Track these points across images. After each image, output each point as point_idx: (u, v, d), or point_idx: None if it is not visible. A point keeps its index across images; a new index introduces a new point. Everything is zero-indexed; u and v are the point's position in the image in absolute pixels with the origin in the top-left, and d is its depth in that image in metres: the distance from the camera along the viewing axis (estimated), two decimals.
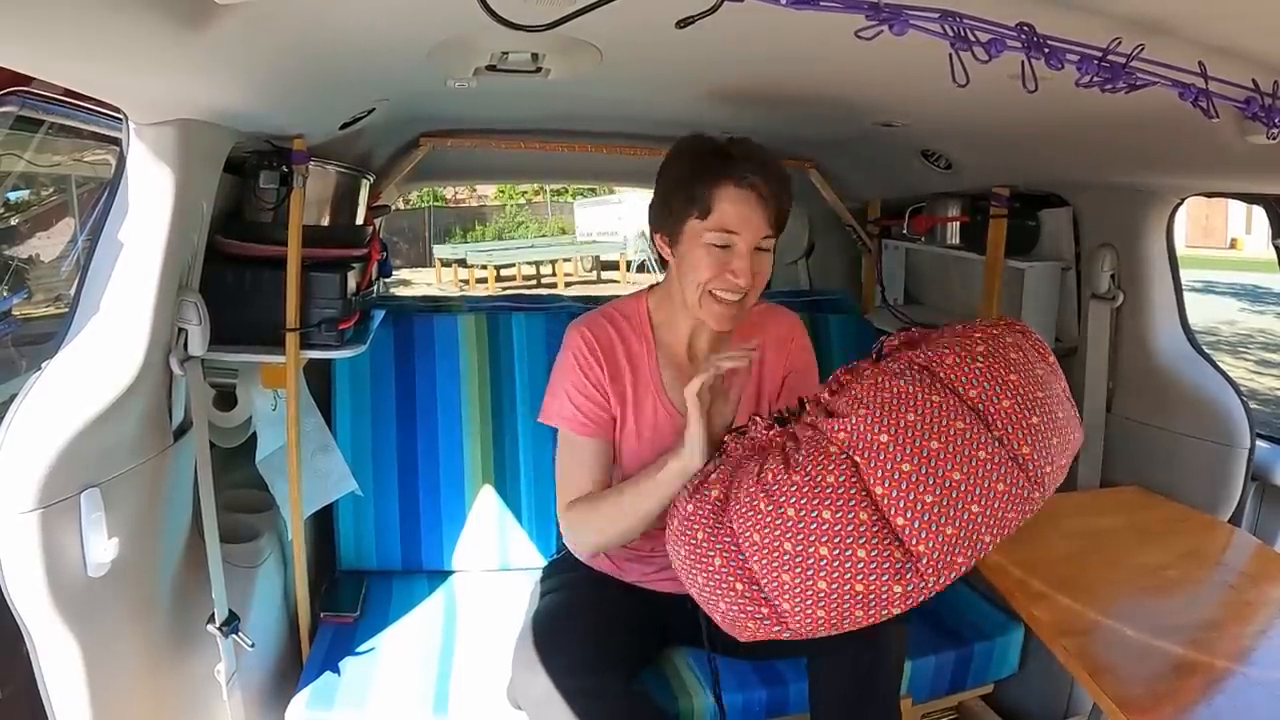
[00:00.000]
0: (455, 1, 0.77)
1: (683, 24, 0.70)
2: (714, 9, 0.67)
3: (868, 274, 2.28)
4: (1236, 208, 14.25)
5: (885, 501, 0.84)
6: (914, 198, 2.06)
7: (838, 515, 0.84)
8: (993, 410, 0.87)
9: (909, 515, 0.84)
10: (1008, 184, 1.76)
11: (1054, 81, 0.79)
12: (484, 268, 12.08)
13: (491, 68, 1.14)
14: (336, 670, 1.44)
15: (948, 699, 1.64)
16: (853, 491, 0.85)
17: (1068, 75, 0.78)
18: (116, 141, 1.11)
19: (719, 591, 0.93)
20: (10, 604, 0.98)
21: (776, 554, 0.87)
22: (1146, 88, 0.81)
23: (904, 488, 0.84)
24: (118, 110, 1.03)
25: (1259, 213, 1.57)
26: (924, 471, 0.84)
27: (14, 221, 2.77)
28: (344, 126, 1.41)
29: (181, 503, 1.26)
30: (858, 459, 0.85)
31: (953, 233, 1.98)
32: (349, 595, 1.65)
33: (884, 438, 0.85)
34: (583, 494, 1.23)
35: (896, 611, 0.88)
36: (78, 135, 1.68)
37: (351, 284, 1.51)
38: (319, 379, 1.73)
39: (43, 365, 1.06)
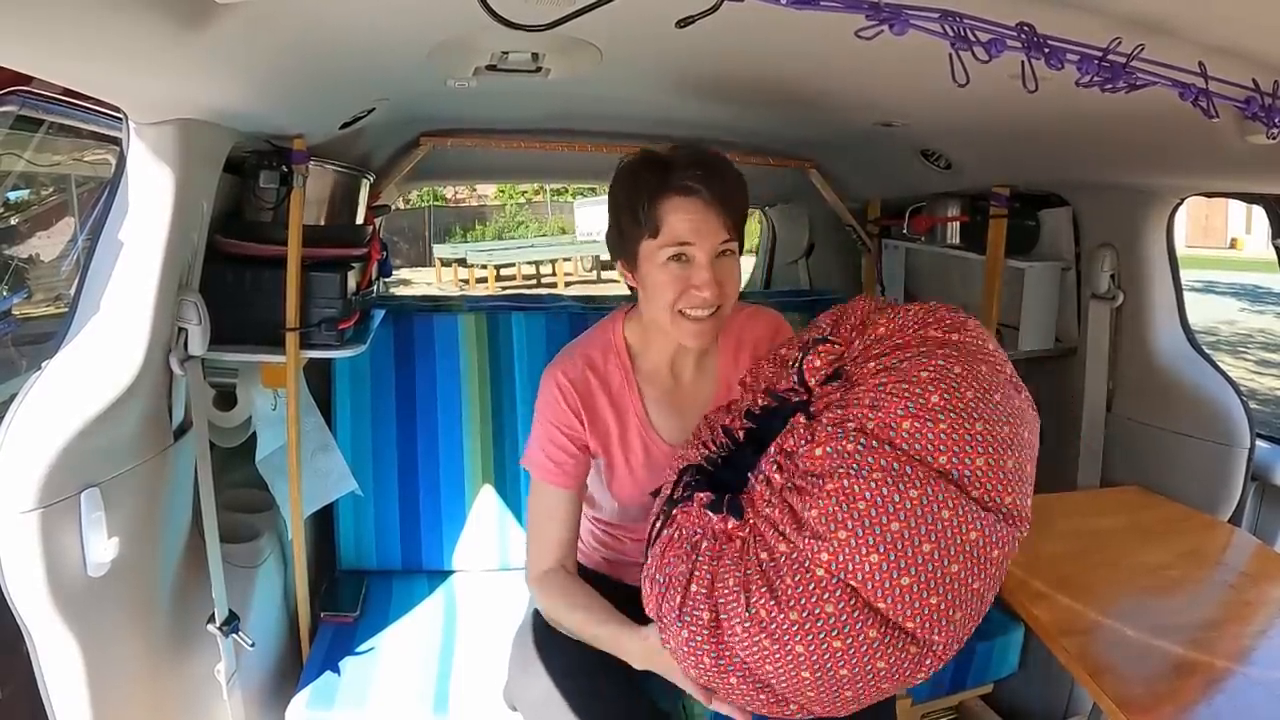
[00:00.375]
0: (455, 1, 0.77)
1: (683, 24, 0.70)
2: (714, 9, 0.67)
3: (868, 274, 2.28)
4: (1236, 208, 14.25)
5: (893, 615, 0.82)
6: (914, 198, 2.07)
7: (848, 642, 0.82)
8: (967, 472, 0.83)
9: (919, 619, 0.81)
10: (1008, 184, 1.76)
11: (1054, 81, 0.79)
12: (484, 267, 12.07)
13: (492, 67, 1.14)
14: (336, 670, 1.44)
15: (947, 699, 1.64)
16: (856, 615, 0.82)
17: (1068, 75, 0.78)
18: (116, 141, 1.11)
19: (744, 704, 0.92)
20: (10, 604, 0.98)
21: (795, 680, 0.85)
22: (1146, 87, 0.81)
23: (909, 599, 0.81)
24: (118, 110, 1.03)
25: (1259, 213, 1.57)
26: (924, 578, 0.81)
27: (14, 221, 2.77)
28: (344, 126, 1.41)
29: (181, 502, 1.26)
30: (852, 583, 0.82)
31: (953, 232, 1.99)
32: (349, 595, 1.65)
33: (874, 558, 0.80)
34: (553, 562, 1.20)
35: (921, 679, 0.87)
36: (78, 135, 1.68)
37: (351, 284, 1.51)
38: (319, 379, 1.73)
39: (43, 365, 1.06)
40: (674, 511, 1.01)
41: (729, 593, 0.87)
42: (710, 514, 0.94)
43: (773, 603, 0.84)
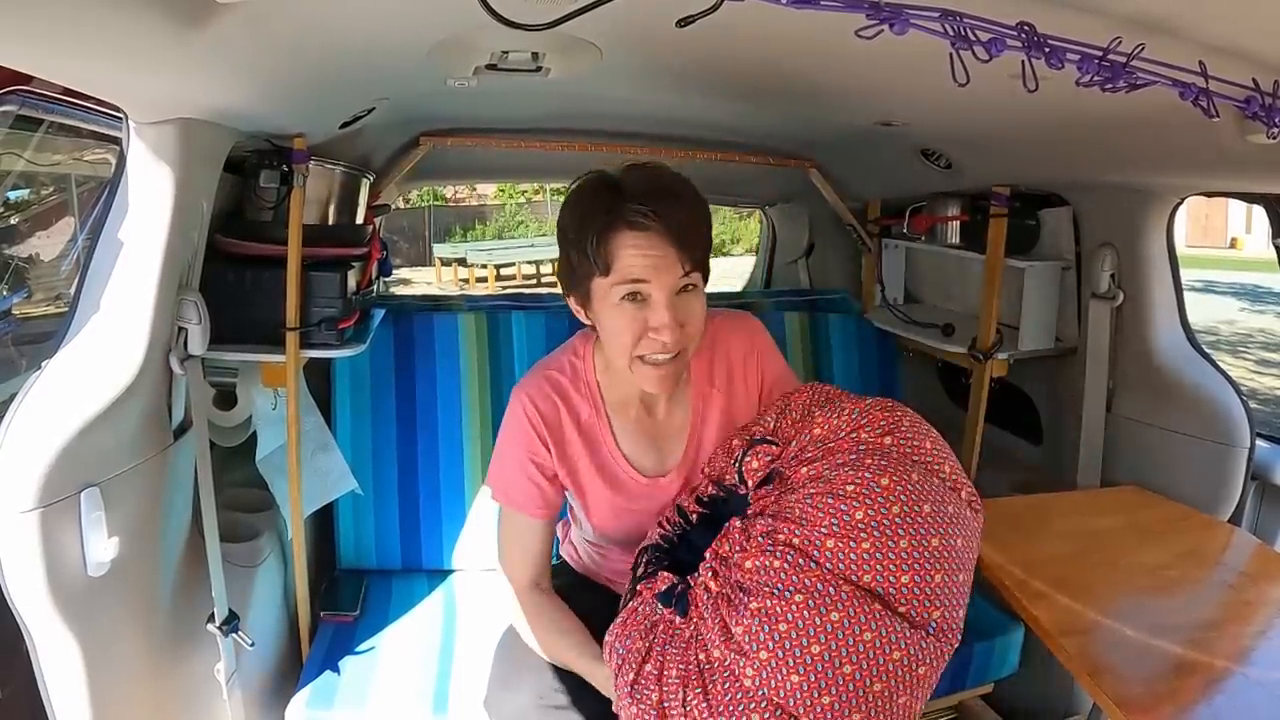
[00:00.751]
0: (455, 1, 0.77)
1: (683, 23, 0.70)
2: (714, 8, 0.67)
3: (868, 273, 2.28)
4: (1236, 208, 14.26)
5: None
6: (914, 197, 2.06)
7: None
8: (893, 589, 0.84)
9: None
10: (1008, 183, 1.76)
11: (1054, 81, 0.79)
12: (484, 267, 12.07)
13: (492, 67, 1.13)
14: (336, 669, 1.44)
15: (947, 699, 1.64)
16: None
17: (1068, 75, 0.78)
18: (116, 140, 1.11)
19: None
20: (10, 603, 0.98)
21: None
22: (1147, 87, 0.81)
23: (829, 716, 0.82)
24: (118, 109, 1.03)
25: (1259, 212, 1.57)
26: (845, 697, 0.82)
27: (14, 221, 2.77)
28: (344, 126, 1.41)
29: (181, 502, 1.26)
30: (775, 699, 0.83)
31: (953, 232, 1.98)
32: (349, 594, 1.65)
33: (795, 678, 0.81)
34: (527, 580, 1.17)
35: None
36: (77, 134, 1.68)
37: (351, 283, 1.51)
38: (319, 378, 1.73)
39: (43, 364, 1.06)
40: (638, 587, 1.02)
41: (671, 684, 0.90)
42: (660, 605, 0.97)
43: (704, 705, 0.86)
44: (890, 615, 0.83)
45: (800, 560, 0.85)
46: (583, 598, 1.24)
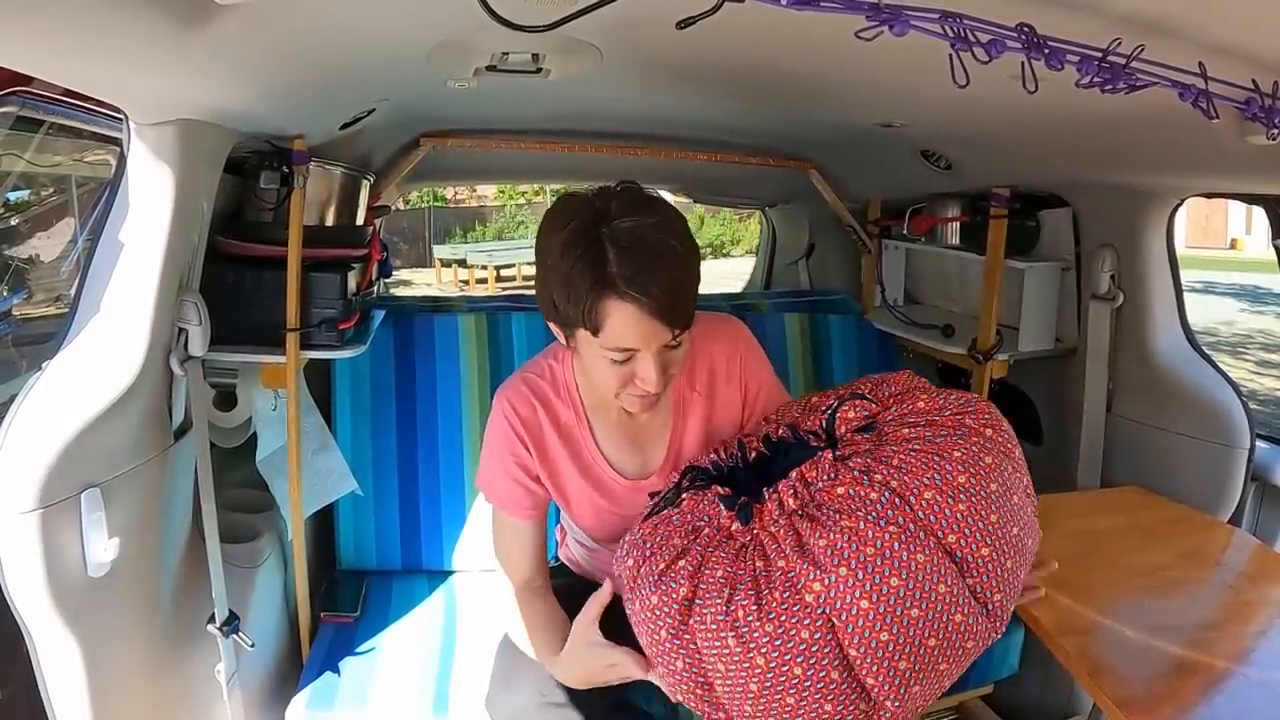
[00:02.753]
0: (456, 2, 0.77)
1: (683, 24, 0.70)
2: (714, 9, 0.67)
3: (868, 274, 2.28)
4: (1236, 208, 14.24)
5: (859, 664, 0.82)
6: (914, 198, 2.07)
7: (808, 672, 0.82)
8: (970, 557, 0.84)
9: (880, 678, 0.82)
10: (1008, 184, 1.76)
11: (1054, 82, 0.79)
12: (484, 268, 12.07)
13: (492, 68, 1.14)
14: (336, 670, 1.44)
15: (948, 699, 1.64)
16: (826, 650, 0.82)
17: (1068, 76, 0.78)
18: (116, 141, 1.11)
19: (678, 689, 0.92)
20: (10, 604, 0.98)
21: (741, 689, 0.85)
22: (1146, 88, 0.81)
23: (879, 655, 0.81)
24: (118, 110, 1.03)
25: (1259, 213, 1.57)
26: (901, 640, 0.81)
27: (14, 221, 2.77)
28: (344, 127, 1.42)
29: (182, 503, 1.26)
30: (835, 620, 0.82)
31: (953, 233, 1.98)
32: (349, 595, 1.65)
33: (865, 604, 0.81)
34: (520, 581, 1.18)
35: None
36: (78, 135, 1.68)
37: (352, 284, 1.51)
38: (319, 379, 1.73)
39: (43, 365, 1.06)
40: (683, 496, 1.01)
41: (714, 583, 0.88)
42: (722, 506, 0.95)
43: (754, 609, 0.84)
44: (961, 581, 0.84)
45: (896, 500, 0.85)
46: (581, 599, 1.24)
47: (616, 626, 1.12)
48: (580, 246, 0.95)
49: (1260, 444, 1.56)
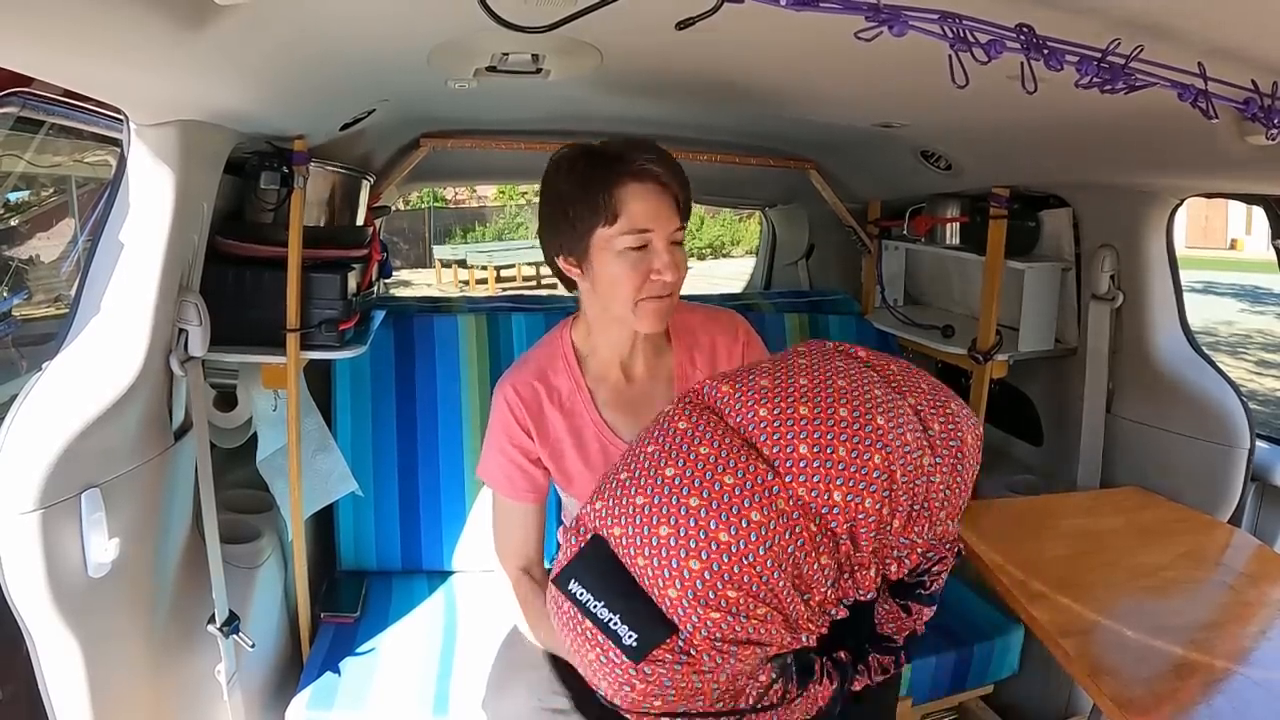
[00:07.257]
0: (456, 3, 0.77)
1: (682, 25, 0.70)
2: (714, 10, 0.67)
3: (868, 275, 2.28)
4: (1236, 208, 14.25)
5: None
6: (914, 198, 2.07)
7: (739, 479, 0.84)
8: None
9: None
10: (1008, 184, 1.76)
11: (1053, 82, 0.79)
12: (484, 268, 12.06)
13: (492, 69, 1.14)
14: (336, 670, 1.44)
15: (948, 699, 1.64)
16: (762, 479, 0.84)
17: (1067, 76, 0.78)
18: (116, 142, 1.11)
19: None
20: (10, 604, 0.98)
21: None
22: (1146, 88, 0.81)
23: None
24: (118, 111, 1.03)
25: (1259, 213, 1.57)
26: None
27: (14, 222, 2.77)
28: (344, 127, 1.42)
29: (182, 503, 1.26)
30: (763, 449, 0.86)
31: (953, 233, 1.98)
32: (349, 595, 1.65)
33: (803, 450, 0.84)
34: (516, 569, 1.19)
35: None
36: (78, 136, 1.68)
37: (352, 285, 1.51)
38: (319, 379, 1.73)
39: (43, 366, 1.06)
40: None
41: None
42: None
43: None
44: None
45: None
46: None
47: None
48: (595, 155, 1.10)
49: (1260, 444, 1.56)
